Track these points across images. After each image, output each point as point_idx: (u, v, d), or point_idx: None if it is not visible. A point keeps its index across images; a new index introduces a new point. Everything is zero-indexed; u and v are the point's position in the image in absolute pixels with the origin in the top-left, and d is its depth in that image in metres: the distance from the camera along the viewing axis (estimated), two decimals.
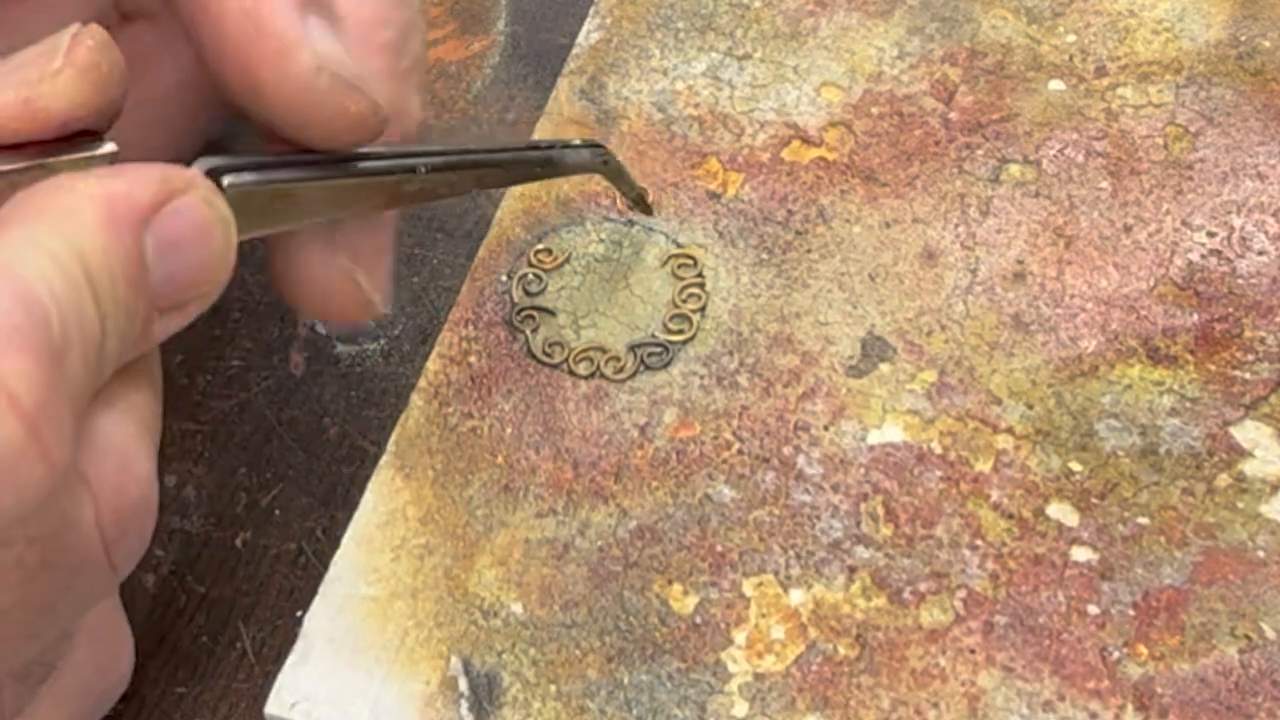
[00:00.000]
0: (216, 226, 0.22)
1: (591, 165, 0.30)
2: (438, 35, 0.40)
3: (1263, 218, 0.32)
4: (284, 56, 0.23)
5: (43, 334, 0.19)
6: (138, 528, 0.22)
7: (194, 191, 0.22)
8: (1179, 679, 0.26)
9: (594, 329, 0.32)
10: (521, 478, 0.29)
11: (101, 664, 0.25)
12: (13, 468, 0.18)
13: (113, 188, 0.21)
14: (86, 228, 0.20)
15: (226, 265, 0.23)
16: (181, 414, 0.33)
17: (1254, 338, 0.30)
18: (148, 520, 0.22)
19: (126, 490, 0.21)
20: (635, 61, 0.37)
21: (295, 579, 0.30)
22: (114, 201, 0.21)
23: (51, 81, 0.21)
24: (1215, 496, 0.28)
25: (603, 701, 0.26)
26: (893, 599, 0.27)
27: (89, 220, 0.20)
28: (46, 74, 0.21)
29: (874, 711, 0.26)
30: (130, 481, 0.21)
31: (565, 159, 0.29)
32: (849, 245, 0.33)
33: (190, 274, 0.22)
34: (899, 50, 0.36)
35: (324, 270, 0.26)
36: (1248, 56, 0.35)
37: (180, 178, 0.22)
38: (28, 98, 0.21)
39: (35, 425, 0.18)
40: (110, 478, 0.21)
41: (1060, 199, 0.33)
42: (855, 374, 0.30)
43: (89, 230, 0.20)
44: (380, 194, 0.26)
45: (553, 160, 0.29)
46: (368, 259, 0.26)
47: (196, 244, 0.22)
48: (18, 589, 0.20)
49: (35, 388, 0.18)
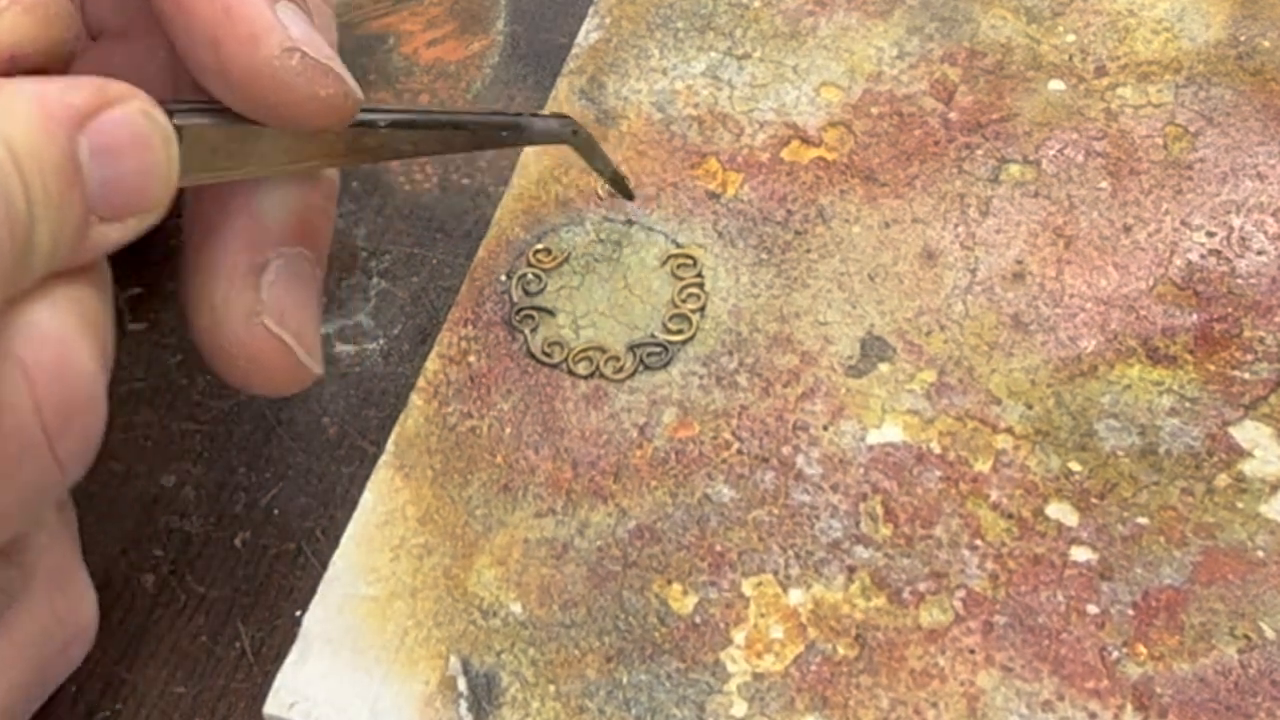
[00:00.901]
0: (155, 137, 0.22)
1: (560, 135, 0.30)
2: (437, 35, 0.40)
3: (1262, 218, 0.32)
4: (254, 40, 0.23)
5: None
6: (82, 423, 0.22)
7: (132, 103, 0.22)
8: (1178, 679, 0.26)
9: (593, 329, 0.32)
10: (521, 477, 0.29)
11: (60, 612, 0.25)
12: None
13: (45, 89, 0.21)
14: (16, 118, 0.20)
15: (167, 181, 0.23)
16: (181, 414, 0.33)
17: (1253, 338, 0.30)
18: (93, 416, 0.22)
19: (66, 379, 0.21)
20: (635, 61, 0.37)
21: (295, 579, 0.30)
22: (46, 100, 0.21)
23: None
24: (1215, 496, 0.28)
25: (602, 701, 0.26)
26: (892, 599, 0.27)
27: (19, 113, 0.20)
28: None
29: (873, 711, 0.26)
30: (70, 371, 0.21)
31: (533, 126, 0.29)
32: (848, 245, 0.33)
33: (127, 181, 0.22)
34: (899, 50, 0.36)
35: (248, 332, 0.25)
36: (1247, 56, 0.35)
37: (117, 88, 0.22)
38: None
39: None
40: (48, 364, 0.21)
41: (1060, 199, 0.33)
42: (854, 374, 0.30)
43: (19, 121, 0.20)
44: (337, 144, 0.26)
45: (520, 126, 0.29)
46: (296, 318, 0.26)
47: (133, 153, 0.22)
48: None
49: None
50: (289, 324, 0.26)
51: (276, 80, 0.23)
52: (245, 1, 0.23)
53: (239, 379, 0.26)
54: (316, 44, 0.24)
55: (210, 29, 0.23)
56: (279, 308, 0.26)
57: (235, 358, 0.26)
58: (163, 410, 0.33)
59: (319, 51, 0.24)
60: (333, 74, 0.24)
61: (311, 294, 0.27)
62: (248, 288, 0.25)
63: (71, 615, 0.25)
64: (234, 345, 0.25)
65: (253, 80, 0.23)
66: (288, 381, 0.26)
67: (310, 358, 0.26)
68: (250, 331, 0.25)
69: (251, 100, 0.24)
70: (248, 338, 0.25)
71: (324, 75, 0.24)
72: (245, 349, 0.25)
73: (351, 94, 0.24)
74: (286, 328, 0.26)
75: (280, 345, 0.26)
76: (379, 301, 0.35)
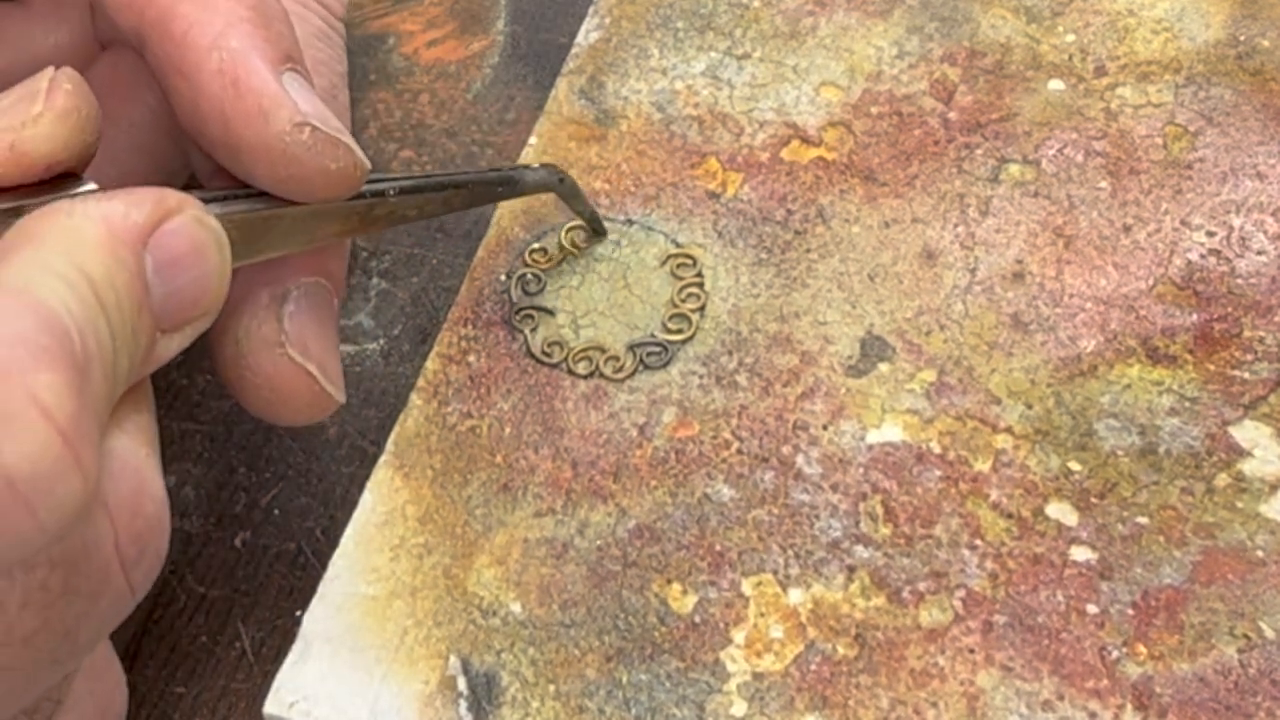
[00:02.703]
0: (211, 244, 0.22)
1: (549, 184, 0.31)
2: (437, 35, 0.40)
3: (1262, 217, 0.32)
4: (264, 116, 0.23)
5: (68, 352, 0.19)
6: (155, 548, 0.22)
7: (187, 211, 0.22)
8: (1178, 678, 0.26)
9: (593, 328, 0.32)
10: (520, 477, 0.29)
11: (100, 701, 0.25)
12: (50, 480, 0.18)
13: (110, 209, 0.21)
14: (89, 249, 0.20)
15: (223, 284, 0.23)
16: (181, 414, 0.33)
17: (1253, 337, 0.30)
18: (162, 539, 0.22)
19: (143, 510, 0.21)
20: (634, 61, 0.37)
21: (294, 579, 0.30)
22: (112, 222, 0.21)
23: (33, 126, 0.21)
24: (1214, 496, 0.28)
25: (601, 701, 0.26)
26: (892, 598, 0.27)
27: (91, 241, 0.20)
28: (28, 119, 0.21)
29: (873, 711, 0.26)
30: (147, 501, 0.21)
31: (524, 178, 0.30)
32: (848, 245, 0.33)
33: (189, 292, 0.22)
34: (898, 50, 0.36)
35: (273, 364, 0.26)
36: (1247, 56, 0.35)
37: (174, 197, 0.22)
38: (12, 143, 0.21)
39: (69, 439, 0.18)
40: (127, 499, 0.21)
41: (1059, 199, 0.33)
42: (854, 374, 0.30)
43: (92, 251, 0.20)
44: (352, 217, 0.26)
45: (512, 179, 0.30)
46: (318, 348, 0.26)
47: (193, 262, 0.22)
48: (40, 614, 0.20)
49: (67, 401, 0.18)
50: (312, 354, 0.26)
51: (288, 155, 0.23)
52: (252, 73, 0.23)
53: (264, 409, 0.26)
54: (325, 116, 0.24)
55: (218, 104, 0.23)
56: (301, 338, 0.26)
57: (260, 389, 0.26)
58: (163, 410, 0.33)
59: (328, 124, 0.24)
60: (342, 146, 0.24)
61: (331, 322, 0.27)
62: (270, 319, 0.25)
63: (108, 701, 0.26)
64: (260, 377, 0.25)
65: (264, 155, 0.23)
66: (312, 410, 0.26)
67: (333, 386, 0.26)
68: (275, 363, 0.25)
69: (262, 174, 0.24)
70: (273, 369, 0.25)
71: (334, 148, 0.24)
72: (270, 380, 0.25)
73: (361, 164, 0.25)
74: (310, 358, 0.26)
75: (305, 375, 0.26)
76: (379, 301, 0.35)
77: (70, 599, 0.20)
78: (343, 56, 0.31)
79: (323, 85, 0.30)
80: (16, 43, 0.28)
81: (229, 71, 0.23)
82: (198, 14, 0.23)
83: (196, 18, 0.23)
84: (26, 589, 0.20)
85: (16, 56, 0.28)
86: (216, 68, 0.23)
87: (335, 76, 0.31)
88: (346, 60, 0.32)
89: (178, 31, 0.23)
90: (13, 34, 0.28)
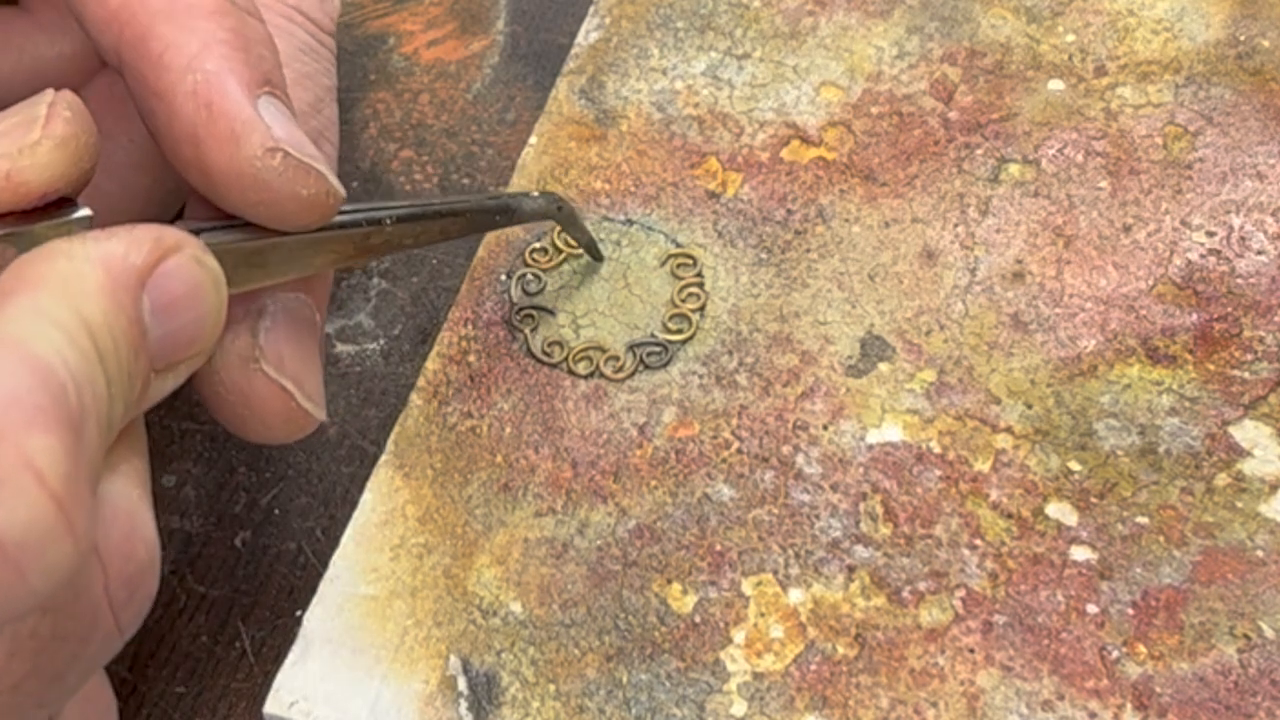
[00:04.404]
0: (208, 284, 0.22)
1: (547, 211, 0.31)
2: (437, 35, 0.40)
3: (1262, 217, 0.32)
4: (235, 140, 0.23)
5: (63, 410, 0.18)
6: (144, 590, 0.22)
7: (186, 250, 0.22)
8: (1178, 678, 0.26)
9: (593, 328, 0.32)
10: (520, 477, 0.29)
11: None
12: (42, 547, 0.18)
13: (109, 250, 0.21)
14: (89, 294, 0.20)
15: (219, 323, 0.23)
16: (181, 414, 0.33)
17: (1253, 337, 0.30)
18: (152, 581, 0.22)
19: (135, 555, 0.21)
20: (634, 61, 0.37)
21: (295, 579, 0.30)
22: (111, 265, 0.20)
23: (31, 154, 0.21)
24: (1214, 496, 0.28)
25: (601, 701, 0.26)
26: (892, 598, 0.27)
27: (90, 286, 0.20)
28: (25, 146, 0.21)
29: (873, 711, 0.26)
30: (138, 544, 0.21)
31: (523, 206, 0.30)
32: (848, 245, 0.33)
33: (185, 333, 0.22)
34: (898, 50, 0.36)
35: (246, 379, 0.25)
36: (1247, 56, 0.35)
37: (172, 237, 0.22)
38: (8, 171, 0.21)
39: (62, 502, 0.18)
40: (119, 544, 0.21)
41: (1059, 199, 0.33)
42: (854, 373, 0.30)
43: (91, 296, 0.20)
44: (347, 246, 0.26)
45: (510, 207, 0.30)
46: (295, 364, 0.26)
47: (191, 304, 0.22)
48: (30, 660, 0.20)
49: (60, 464, 0.18)
50: (288, 370, 0.25)
51: (258, 180, 0.23)
52: (227, 97, 0.23)
53: (240, 426, 0.26)
54: (300, 142, 0.24)
55: (191, 126, 0.23)
56: (278, 353, 0.25)
57: (234, 405, 0.25)
58: (163, 410, 0.33)
59: (302, 150, 0.23)
60: (314, 173, 0.24)
61: (311, 339, 0.26)
62: (244, 333, 0.25)
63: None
64: (234, 393, 0.25)
65: (234, 179, 0.23)
66: (287, 429, 0.26)
67: (312, 403, 0.26)
68: (248, 378, 0.25)
69: (233, 199, 0.23)
70: (245, 384, 0.25)
71: (305, 175, 0.23)
72: (243, 395, 0.25)
73: (333, 191, 0.24)
74: (285, 374, 0.25)
75: (279, 391, 0.25)
76: (379, 301, 0.35)
77: (59, 644, 0.20)
78: (331, 70, 0.31)
79: (308, 99, 0.29)
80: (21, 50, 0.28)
81: (203, 94, 0.23)
82: (175, 35, 0.23)
83: (173, 39, 0.23)
84: (16, 637, 0.20)
85: (20, 64, 0.28)
86: (191, 90, 0.23)
87: (322, 90, 0.30)
88: (335, 74, 0.31)
89: (154, 52, 0.23)
90: (17, 41, 0.28)
